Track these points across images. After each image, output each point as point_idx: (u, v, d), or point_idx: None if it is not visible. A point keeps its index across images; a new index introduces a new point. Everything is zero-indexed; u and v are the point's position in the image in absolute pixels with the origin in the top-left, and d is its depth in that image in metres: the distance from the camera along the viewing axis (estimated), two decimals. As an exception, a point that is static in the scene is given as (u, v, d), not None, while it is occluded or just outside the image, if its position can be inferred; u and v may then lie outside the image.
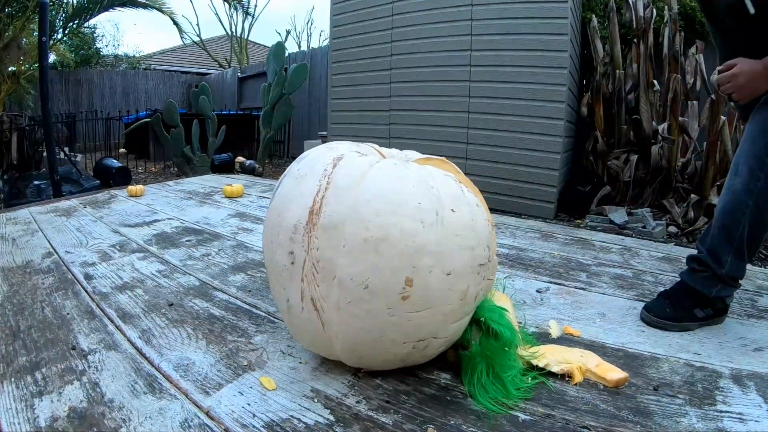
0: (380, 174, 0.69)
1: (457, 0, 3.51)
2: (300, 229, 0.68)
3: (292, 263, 0.69)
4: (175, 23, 7.81)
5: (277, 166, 6.12)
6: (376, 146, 0.90)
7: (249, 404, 0.69)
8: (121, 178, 4.43)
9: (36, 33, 5.72)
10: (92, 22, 8.02)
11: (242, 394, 0.71)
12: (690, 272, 1.00)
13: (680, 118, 3.22)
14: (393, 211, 0.65)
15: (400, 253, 0.64)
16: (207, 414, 0.66)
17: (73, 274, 1.20)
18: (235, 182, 2.62)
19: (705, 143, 3.13)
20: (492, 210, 0.84)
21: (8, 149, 4.36)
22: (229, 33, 12.10)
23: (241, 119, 7.11)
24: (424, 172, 0.72)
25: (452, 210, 0.68)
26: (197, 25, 12.97)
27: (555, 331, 0.93)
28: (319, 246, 0.66)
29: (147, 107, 8.56)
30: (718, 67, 1.05)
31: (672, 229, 2.95)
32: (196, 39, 11.99)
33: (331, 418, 0.66)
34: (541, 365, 0.77)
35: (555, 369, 0.76)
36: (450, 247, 0.66)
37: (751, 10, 0.90)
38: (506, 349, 0.75)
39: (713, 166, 3.02)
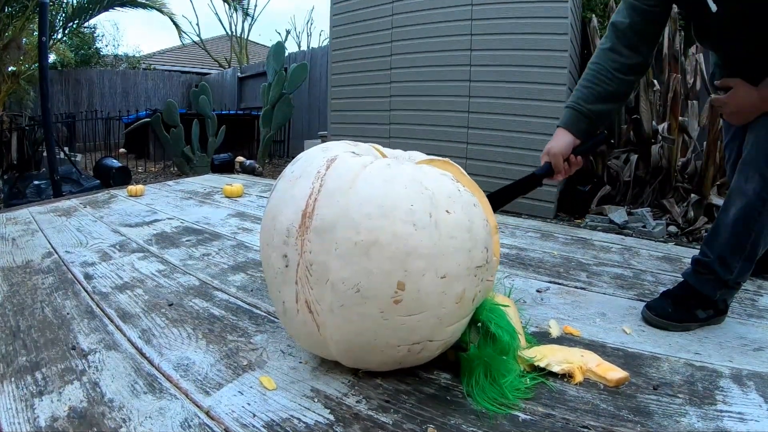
0: (372, 176, 0.68)
1: (457, 0, 3.51)
2: (293, 232, 0.68)
3: (287, 266, 0.69)
4: (175, 23, 7.80)
5: (277, 165, 6.12)
6: (379, 147, 0.89)
7: (249, 404, 0.69)
8: (121, 178, 4.43)
9: (36, 33, 5.72)
10: (92, 22, 8.02)
11: (242, 394, 0.71)
12: (694, 274, 1.00)
13: (680, 118, 3.22)
14: (383, 214, 0.64)
15: (390, 257, 0.63)
16: (207, 414, 0.66)
17: (73, 274, 1.20)
18: (235, 182, 2.62)
19: (705, 143, 3.13)
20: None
21: (8, 149, 4.36)
22: (229, 33, 12.10)
23: (241, 119, 7.11)
24: (418, 173, 0.70)
25: (447, 211, 0.67)
26: (197, 25, 12.99)
27: (555, 331, 0.93)
28: (312, 249, 0.66)
29: (147, 107, 8.55)
30: (716, 82, 1.04)
31: (672, 228, 2.95)
32: (196, 39, 11.98)
33: (331, 417, 0.66)
34: (542, 365, 0.77)
35: (556, 369, 0.76)
36: (444, 249, 0.65)
37: (714, 8, 0.89)
38: (504, 357, 0.74)
39: (713, 166, 3.02)
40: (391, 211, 0.64)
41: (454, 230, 0.67)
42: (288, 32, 16.91)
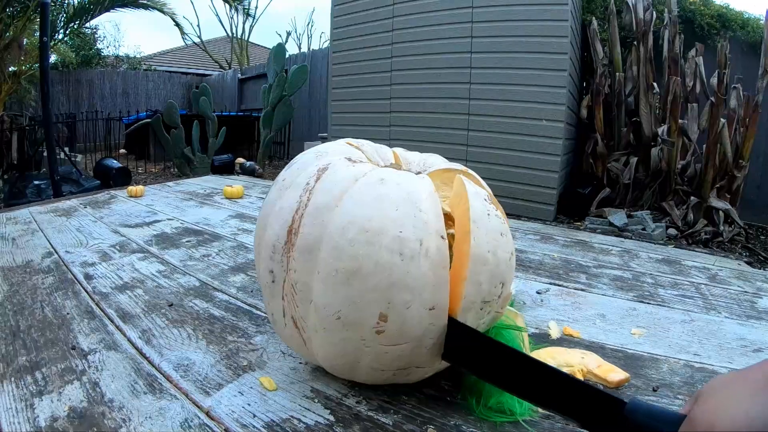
0: (361, 193, 0.62)
1: (457, 2, 3.52)
2: (279, 248, 0.64)
3: (273, 281, 0.67)
4: (177, 24, 7.83)
5: (277, 167, 6.13)
6: (397, 151, 0.84)
7: (249, 404, 0.69)
8: (121, 179, 4.44)
9: (37, 33, 5.73)
10: (93, 22, 8.04)
11: (242, 394, 0.71)
12: None
13: (680, 121, 3.23)
14: (368, 241, 0.58)
15: (372, 288, 0.58)
16: (207, 414, 0.66)
17: (73, 274, 1.20)
18: (235, 183, 2.62)
19: (704, 145, 3.13)
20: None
21: (8, 149, 4.37)
22: (230, 34, 12.12)
23: (241, 120, 7.12)
24: (415, 191, 0.63)
25: (442, 237, 0.61)
26: (198, 26, 13.10)
27: (555, 332, 0.93)
28: (297, 268, 0.62)
29: (147, 108, 8.57)
30: None
31: (671, 231, 2.95)
32: (197, 40, 12.00)
33: (332, 418, 0.66)
34: (542, 367, 0.77)
35: (555, 370, 0.76)
36: (436, 280, 0.59)
37: None
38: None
39: (713, 169, 3.02)
40: (376, 237, 0.59)
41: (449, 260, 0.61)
42: (288, 34, 16.95)
